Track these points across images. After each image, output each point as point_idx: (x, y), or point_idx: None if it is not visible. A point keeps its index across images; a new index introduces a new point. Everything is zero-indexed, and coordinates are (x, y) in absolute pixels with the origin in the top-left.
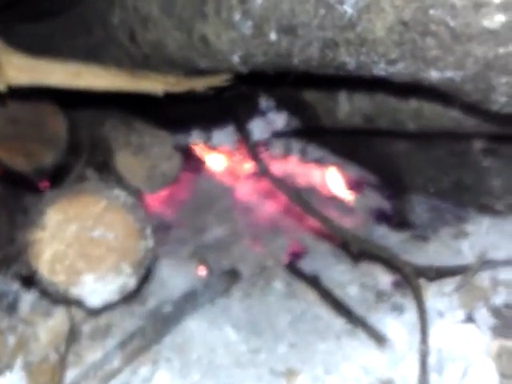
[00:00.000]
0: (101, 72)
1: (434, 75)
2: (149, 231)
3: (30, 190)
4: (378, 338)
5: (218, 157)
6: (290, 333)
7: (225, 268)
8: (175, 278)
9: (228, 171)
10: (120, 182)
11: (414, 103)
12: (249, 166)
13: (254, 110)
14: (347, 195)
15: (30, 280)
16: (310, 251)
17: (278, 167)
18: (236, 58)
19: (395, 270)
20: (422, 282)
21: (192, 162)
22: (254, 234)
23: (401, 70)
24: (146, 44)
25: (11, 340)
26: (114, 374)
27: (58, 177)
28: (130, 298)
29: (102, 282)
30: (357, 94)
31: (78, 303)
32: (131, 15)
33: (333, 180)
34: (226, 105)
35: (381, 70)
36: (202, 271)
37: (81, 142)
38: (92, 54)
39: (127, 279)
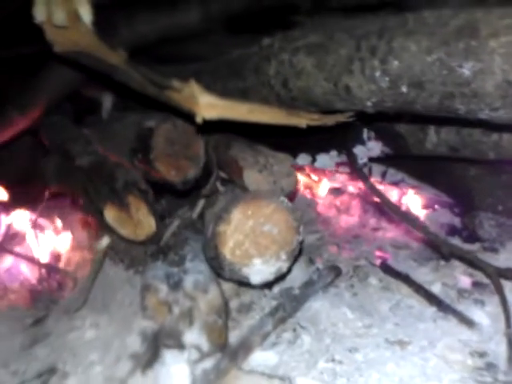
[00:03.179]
0: (266, 109)
1: None
2: (301, 228)
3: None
4: (469, 322)
5: (302, 176)
6: (391, 316)
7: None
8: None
9: (310, 188)
10: None
11: (495, 136)
12: (326, 184)
13: (357, 139)
14: (421, 212)
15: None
16: (392, 256)
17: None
18: (369, 103)
19: (479, 270)
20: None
21: None
22: (338, 242)
23: (501, 115)
24: (296, 89)
25: (176, 310)
26: (266, 336)
27: (195, 188)
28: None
29: (266, 265)
30: (444, 127)
31: (245, 280)
32: (287, 68)
33: (408, 199)
34: (334, 133)
35: (485, 114)
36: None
37: (211, 160)
38: (242, 95)
39: (282, 264)
